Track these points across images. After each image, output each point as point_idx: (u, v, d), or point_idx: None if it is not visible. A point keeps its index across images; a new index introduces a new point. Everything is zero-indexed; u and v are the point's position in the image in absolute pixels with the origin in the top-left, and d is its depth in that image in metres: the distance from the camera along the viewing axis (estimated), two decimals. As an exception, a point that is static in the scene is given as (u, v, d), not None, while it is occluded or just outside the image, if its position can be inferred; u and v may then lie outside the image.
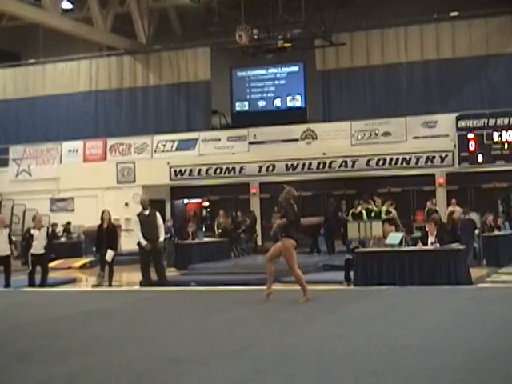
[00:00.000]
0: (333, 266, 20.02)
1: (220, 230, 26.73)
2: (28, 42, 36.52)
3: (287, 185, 27.82)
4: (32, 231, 18.59)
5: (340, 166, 29.38)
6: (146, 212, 17.48)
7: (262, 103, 32.38)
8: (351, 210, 23.62)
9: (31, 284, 18.19)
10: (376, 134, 29.28)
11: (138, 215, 17.45)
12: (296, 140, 30.23)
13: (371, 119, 29.52)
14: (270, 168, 30.15)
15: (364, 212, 22.78)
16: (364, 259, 16.41)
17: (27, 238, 18.63)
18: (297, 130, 30.29)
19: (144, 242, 17.04)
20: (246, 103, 32.54)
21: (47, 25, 31.07)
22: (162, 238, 17.35)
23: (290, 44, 28.54)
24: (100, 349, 9.05)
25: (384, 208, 21.17)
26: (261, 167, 30.28)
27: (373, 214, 21.48)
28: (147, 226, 17.20)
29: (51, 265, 23.77)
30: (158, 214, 17.72)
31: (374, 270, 16.15)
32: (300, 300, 12.85)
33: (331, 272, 19.27)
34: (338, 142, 29.53)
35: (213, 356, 8.30)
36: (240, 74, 32.72)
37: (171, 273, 19.62)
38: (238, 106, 32.60)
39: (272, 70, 32.33)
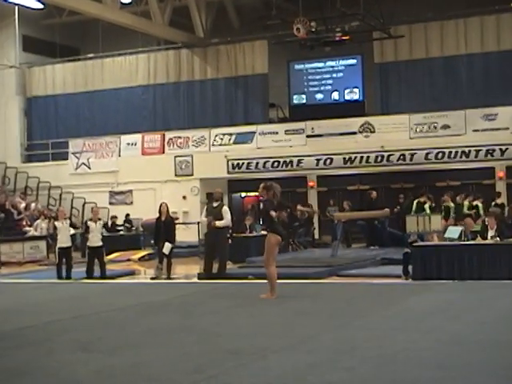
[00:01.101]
0: (391, 260, 19.88)
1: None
2: (87, 36, 36.90)
3: (341, 178, 27.92)
4: (89, 223, 18.82)
5: (398, 159, 29.09)
6: (215, 204, 17.78)
7: (319, 96, 32.21)
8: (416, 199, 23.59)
9: (90, 276, 18.40)
10: (435, 127, 28.95)
11: (207, 204, 18.22)
12: (354, 133, 30.02)
13: (430, 112, 29.17)
14: (328, 161, 29.98)
15: (427, 205, 22.69)
16: (423, 253, 16.27)
17: (85, 230, 18.87)
18: (355, 123, 30.07)
19: (204, 219, 17.59)
20: (304, 96, 32.40)
21: (106, 19, 31.31)
22: (218, 223, 17.39)
23: (347, 37, 28.34)
24: (158, 340, 9.10)
25: (466, 203, 21.02)
26: (318, 160, 30.11)
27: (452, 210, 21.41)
28: (213, 217, 17.42)
29: (110, 257, 24.12)
30: (225, 207, 17.91)
31: (432, 263, 16.00)
32: (262, 295, 12.82)
33: (389, 266, 19.13)
34: (396, 135, 29.26)
35: (270, 349, 8.29)
36: (297, 66, 32.56)
37: (227, 266, 19.60)
38: (296, 99, 32.46)
39: (330, 63, 32.13)
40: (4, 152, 35.54)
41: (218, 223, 17.40)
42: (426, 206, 24.21)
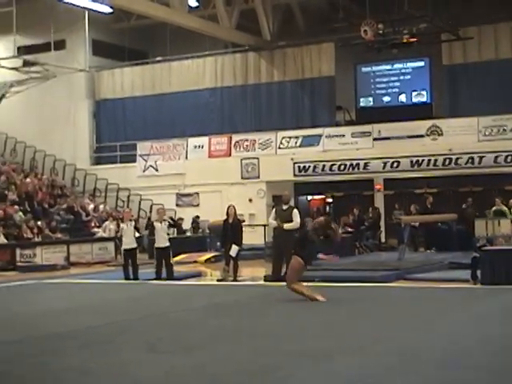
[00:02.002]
0: (459, 264, 19.62)
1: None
2: (155, 40, 37.19)
3: (408, 181, 27.58)
4: (155, 223, 18.97)
5: (466, 162, 28.72)
6: (285, 207, 17.82)
7: (386, 99, 31.99)
8: (493, 207, 23.43)
9: (157, 277, 18.50)
10: (504, 130, 28.54)
11: (276, 206, 18.14)
12: (421, 136, 29.75)
13: (499, 115, 28.76)
14: (395, 164, 29.75)
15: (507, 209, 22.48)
16: (492, 257, 16.03)
17: (151, 230, 19.00)
18: (422, 125, 29.81)
19: (273, 222, 17.61)
20: (371, 99, 32.22)
21: (174, 23, 31.54)
22: (286, 225, 17.39)
23: (415, 39, 28.10)
24: (224, 341, 9.14)
25: None
26: (385, 163, 29.90)
27: None
28: (281, 220, 17.45)
29: (177, 258, 24.26)
30: (296, 210, 17.84)
31: (501, 268, 15.75)
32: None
33: (457, 270, 18.89)
34: (464, 137, 28.91)
35: (337, 351, 8.27)
36: (364, 69, 32.39)
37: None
38: (363, 102, 32.29)
39: (397, 65, 31.88)
40: (73, 154, 36.00)
41: (287, 225, 17.38)
42: (506, 209, 23.98)
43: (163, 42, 35.25)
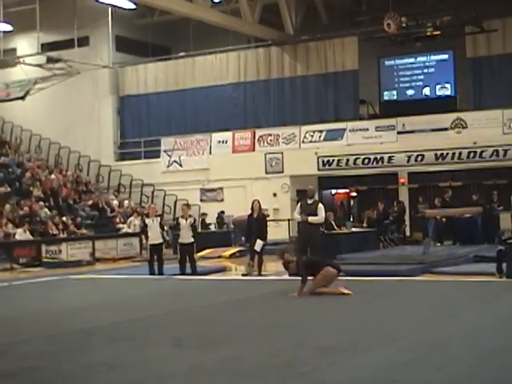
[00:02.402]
0: (484, 258, 19.53)
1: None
2: (178, 35, 37.21)
3: (432, 175, 27.50)
4: (180, 220, 19.02)
5: (491, 155, 28.55)
6: (310, 201, 17.93)
7: (410, 92, 31.86)
8: None
9: (182, 272, 18.55)
10: (529, 122, 28.40)
11: (301, 201, 18.25)
12: (445, 129, 29.61)
13: (524, 107, 28.62)
14: (419, 158, 29.62)
15: None
16: (517, 250, 15.93)
17: (175, 227, 19.06)
18: (446, 118, 29.66)
19: (298, 216, 17.76)
20: (395, 92, 32.10)
21: (197, 18, 31.56)
22: (311, 219, 17.40)
23: (439, 32, 27.97)
24: (250, 336, 9.18)
25: None
26: (409, 157, 29.78)
27: None
28: (307, 214, 17.53)
29: (201, 254, 24.31)
30: (320, 205, 17.97)
31: (527, 261, 15.66)
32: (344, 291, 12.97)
33: (482, 263, 18.80)
34: (489, 130, 28.74)
35: (361, 345, 8.28)
36: (388, 62, 32.26)
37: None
38: (386, 96, 32.18)
39: (421, 59, 31.74)
40: (98, 150, 36.19)
41: (311, 219, 17.46)
42: None
43: (186, 38, 35.27)
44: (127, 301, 13.57)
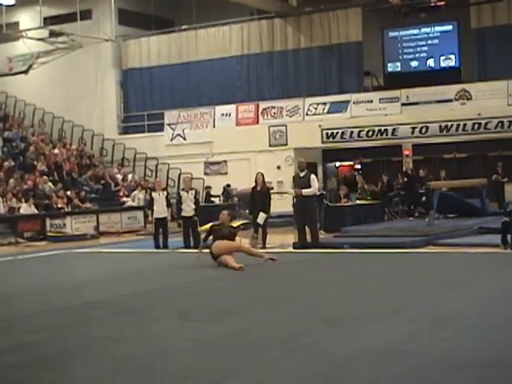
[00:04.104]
0: (489, 229, 19.50)
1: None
2: (181, 8, 37.02)
3: (437, 147, 27.40)
4: (181, 193, 19.00)
5: (496, 126, 28.45)
6: (302, 174, 17.76)
7: (414, 64, 31.72)
8: None
9: (186, 246, 18.59)
10: (534, 93, 28.25)
11: (294, 177, 18.02)
12: (450, 101, 29.49)
13: (529, 77, 28.47)
14: (423, 129, 29.54)
15: None
16: (522, 222, 15.90)
17: (178, 201, 19.08)
18: (451, 90, 29.51)
19: (292, 190, 17.72)
20: (399, 64, 31.96)
21: (200, -10, 31.43)
22: (305, 191, 17.40)
23: (443, 2, 27.81)
24: (254, 309, 9.18)
25: None
26: (414, 129, 29.71)
27: None
28: (300, 187, 17.44)
29: (206, 227, 24.27)
30: (312, 176, 17.85)
31: (532, 233, 15.63)
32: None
33: (487, 235, 18.79)
34: (493, 102, 28.61)
35: (366, 318, 8.26)
36: (392, 34, 32.09)
37: (321, 235, 19.58)
38: (390, 67, 32.04)
39: (425, 30, 31.56)
40: (101, 124, 36.15)
41: (305, 191, 17.40)
42: None
43: (189, 10, 35.12)
44: (132, 274, 13.56)
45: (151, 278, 12.82)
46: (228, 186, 31.03)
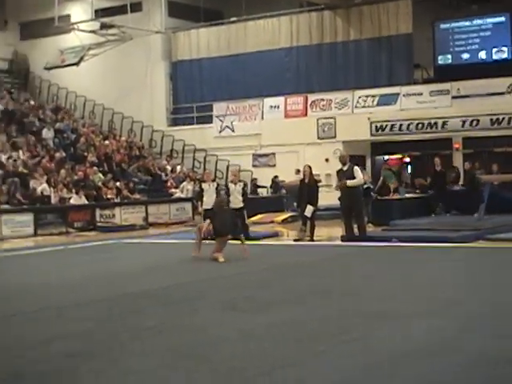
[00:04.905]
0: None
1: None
2: (230, 0, 37.11)
3: (488, 140, 26.96)
4: (229, 185, 19.01)
5: (549, 120, 28.07)
6: (345, 167, 17.73)
7: (465, 56, 31.34)
8: None
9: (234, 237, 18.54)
10: None
11: (338, 172, 17.98)
12: (502, 93, 29.03)
13: None
14: (474, 123, 29.17)
15: None
16: None
17: (226, 192, 19.08)
18: (503, 82, 29.04)
19: (337, 184, 17.81)
20: (449, 56, 31.59)
21: (249, -18, 31.36)
22: (349, 182, 17.34)
23: (495, -6, 27.47)
24: (302, 301, 9.12)
25: None
26: (464, 122, 29.33)
27: None
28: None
29: (254, 219, 24.32)
30: (356, 167, 17.82)
31: None
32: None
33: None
34: (547, 94, 28.23)
35: (416, 312, 8.19)
36: (443, 26, 31.71)
37: (369, 229, 19.48)
38: (441, 60, 31.67)
39: (477, 22, 31.15)
40: (151, 116, 36.19)
41: (350, 182, 17.35)
42: None
43: (238, 2, 34.96)
44: (179, 265, 13.64)
45: (196, 269, 12.88)
46: (276, 177, 30.98)
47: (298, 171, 25.87)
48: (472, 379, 5.74)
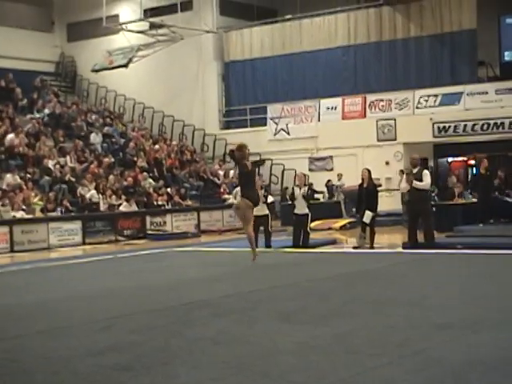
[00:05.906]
0: None
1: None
2: (284, -2, 36.40)
3: None
4: (295, 189, 18.17)
5: None
6: (415, 170, 17.04)
7: (532, 52, 30.20)
8: None
9: (295, 245, 17.84)
10: None
11: (407, 174, 17.39)
12: None
13: None
14: (544, 123, 28.11)
15: None
16: None
17: (290, 196, 18.17)
18: None
19: (404, 185, 17.26)
20: (516, 52, 30.51)
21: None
22: (416, 183, 16.61)
23: None
24: (362, 311, 8.71)
25: None
26: (533, 122, 28.34)
27: None
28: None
29: (311, 225, 23.38)
30: (425, 171, 17.11)
31: None
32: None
33: None
34: None
35: (483, 323, 7.73)
36: (509, 20, 30.55)
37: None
38: (508, 56, 30.50)
39: (546, 15, 30.05)
40: (202, 119, 35.81)
41: (416, 183, 16.64)
42: None
43: (293, 0, 34.20)
44: (233, 274, 13.07)
45: (252, 279, 12.34)
46: (329, 181, 30.23)
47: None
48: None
